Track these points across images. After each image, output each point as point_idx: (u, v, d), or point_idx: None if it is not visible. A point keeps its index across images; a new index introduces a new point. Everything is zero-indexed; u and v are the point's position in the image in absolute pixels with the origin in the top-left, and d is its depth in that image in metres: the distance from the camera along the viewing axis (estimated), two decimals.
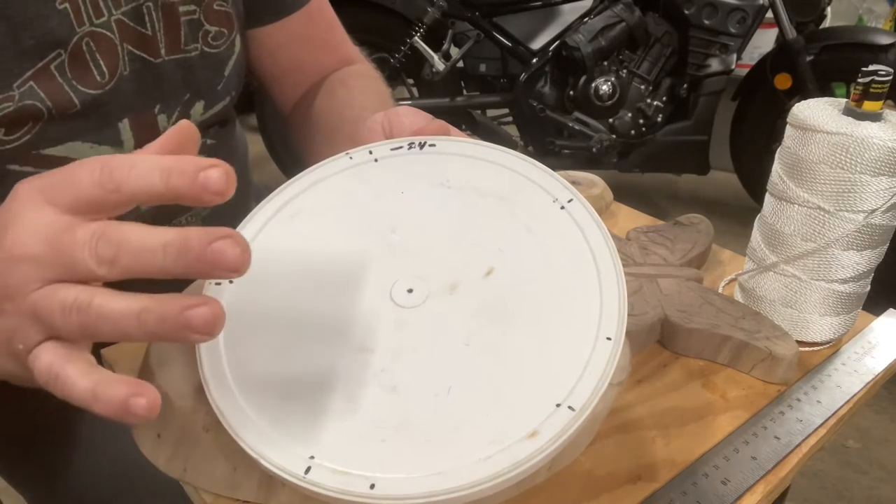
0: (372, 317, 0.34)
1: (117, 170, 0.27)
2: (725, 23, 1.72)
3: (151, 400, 0.26)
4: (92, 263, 0.26)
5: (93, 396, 0.26)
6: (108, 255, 0.26)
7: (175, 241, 0.25)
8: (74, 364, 0.27)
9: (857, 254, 0.46)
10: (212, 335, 0.26)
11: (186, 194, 0.26)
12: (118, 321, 0.26)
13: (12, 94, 0.43)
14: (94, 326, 0.26)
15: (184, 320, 0.25)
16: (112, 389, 0.26)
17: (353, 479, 0.29)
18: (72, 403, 0.27)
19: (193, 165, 0.26)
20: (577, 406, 0.30)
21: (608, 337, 0.32)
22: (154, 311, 0.26)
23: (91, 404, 0.26)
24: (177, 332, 0.26)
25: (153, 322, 0.26)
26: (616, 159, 1.87)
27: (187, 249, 0.25)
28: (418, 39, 1.86)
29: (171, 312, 0.25)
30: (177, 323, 0.25)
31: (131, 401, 0.26)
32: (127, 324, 0.26)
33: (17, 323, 0.28)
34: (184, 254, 0.25)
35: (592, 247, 0.35)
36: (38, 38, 0.43)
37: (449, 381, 0.32)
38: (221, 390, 0.32)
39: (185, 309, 0.25)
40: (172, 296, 0.26)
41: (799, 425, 0.42)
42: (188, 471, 0.35)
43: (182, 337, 0.26)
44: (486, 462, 0.29)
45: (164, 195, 0.26)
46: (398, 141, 0.40)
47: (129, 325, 0.26)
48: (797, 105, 0.47)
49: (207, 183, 0.26)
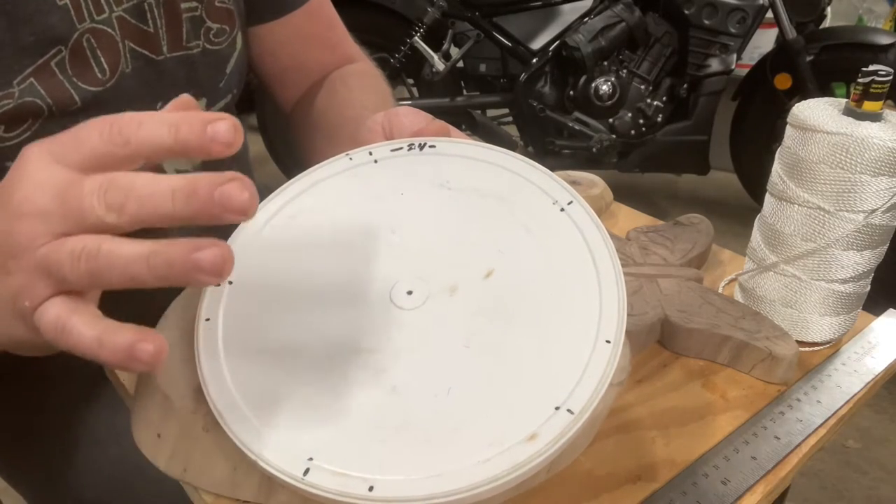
0: (372, 318, 0.34)
1: (126, 126, 0.27)
2: (725, 23, 1.72)
3: (158, 346, 0.26)
4: (100, 210, 0.26)
5: (98, 344, 0.26)
6: (117, 202, 0.26)
7: (184, 187, 0.26)
8: (81, 315, 0.27)
9: (857, 254, 0.46)
10: (220, 277, 0.26)
11: (195, 146, 0.26)
12: (127, 265, 0.26)
13: (12, 91, 0.43)
14: (103, 272, 0.26)
15: (193, 261, 0.25)
16: (118, 336, 0.26)
17: (352, 481, 0.29)
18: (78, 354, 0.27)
19: (201, 118, 0.26)
20: (576, 409, 0.30)
21: (607, 339, 0.32)
22: (163, 254, 0.26)
23: (97, 352, 0.26)
24: (186, 274, 0.26)
25: (162, 264, 0.26)
26: (616, 159, 1.87)
27: (195, 193, 0.25)
28: (418, 39, 1.86)
29: (179, 254, 0.25)
30: (186, 264, 0.25)
31: (137, 346, 0.26)
32: (136, 267, 0.26)
33: (23, 280, 0.28)
34: (192, 198, 0.25)
35: (592, 249, 0.35)
36: (39, 35, 0.43)
37: (448, 382, 0.32)
38: (220, 391, 0.32)
39: (195, 250, 0.25)
40: (181, 240, 0.26)
41: (799, 425, 0.42)
42: (188, 471, 0.35)
43: (191, 278, 0.26)
44: (486, 464, 0.29)
45: (173, 148, 0.26)
46: (398, 142, 0.40)
47: (138, 269, 0.26)
48: (797, 105, 0.47)
49: (216, 135, 0.26)
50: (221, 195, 0.25)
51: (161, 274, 0.26)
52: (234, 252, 0.36)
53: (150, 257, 0.26)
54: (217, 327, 0.34)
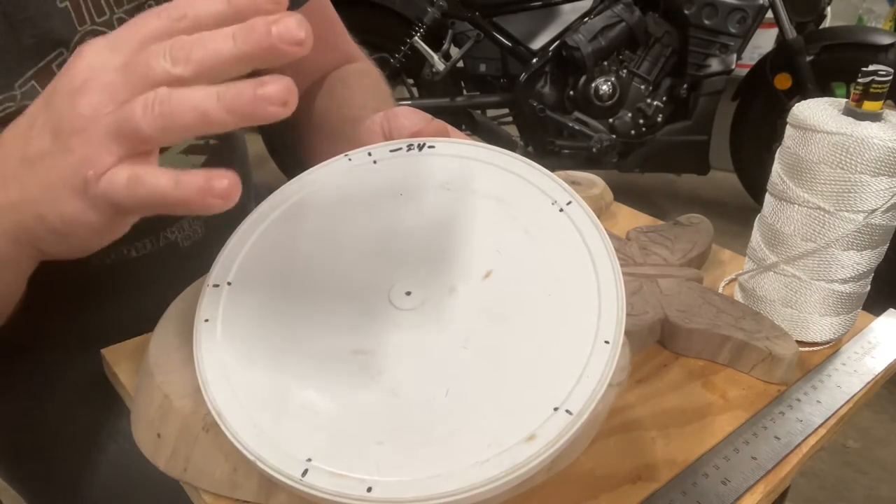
0: (370, 319, 0.34)
1: (181, 2, 0.29)
2: (725, 23, 1.72)
3: (232, 180, 0.27)
4: (167, 64, 0.28)
5: (174, 184, 0.28)
6: (182, 53, 0.28)
7: (241, 27, 0.27)
8: (152, 167, 0.29)
9: (857, 254, 0.46)
10: (286, 107, 0.27)
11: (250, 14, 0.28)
12: (199, 101, 0.27)
13: (14, 93, 0.43)
14: (175, 113, 0.27)
15: (261, 92, 0.27)
16: (193, 175, 0.28)
17: (350, 482, 0.29)
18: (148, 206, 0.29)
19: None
20: (574, 410, 0.30)
21: (606, 340, 0.32)
22: (232, 88, 0.27)
23: (173, 193, 0.28)
24: (254, 104, 0.27)
25: (232, 96, 0.27)
26: (616, 159, 1.87)
27: (254, 30, 0.27)
28: (418, 39, 1.86)
29: (248, 86, 0.27)
30: (254, 94, 0.27)
31: (212, 181, 0.27)
32: (207, 103, 0.27)
33: (88, 151, 0.29)
34: (251, 34, 0.27)
35: (591, 250, 0.35)
36: (39, 37, 0.43)
37: (447, 383, 0.32)
38: (219, 391, 0.32)
39: (261, 84, 0.27)
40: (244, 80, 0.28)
41: (799, 425, 0.42)
42: (188, 471, 0.35)
43: (259, 108, 0.27)
44: (484, 465, 0.29)
45: (227, 14, 0.28)
46: (397, 142, 0.40)
47: (209, 104, 0.27)
48: (797, 105, 0.47)
49: (281, 30, 0.27)
50: (279, 29, 0.27)
51: (232, 105, 0.27)
52: (234, 252, 0.36)
53: (219, 92, 0.27)
54: (216, 328, 0.34)
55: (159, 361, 0.37)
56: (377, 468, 0.29)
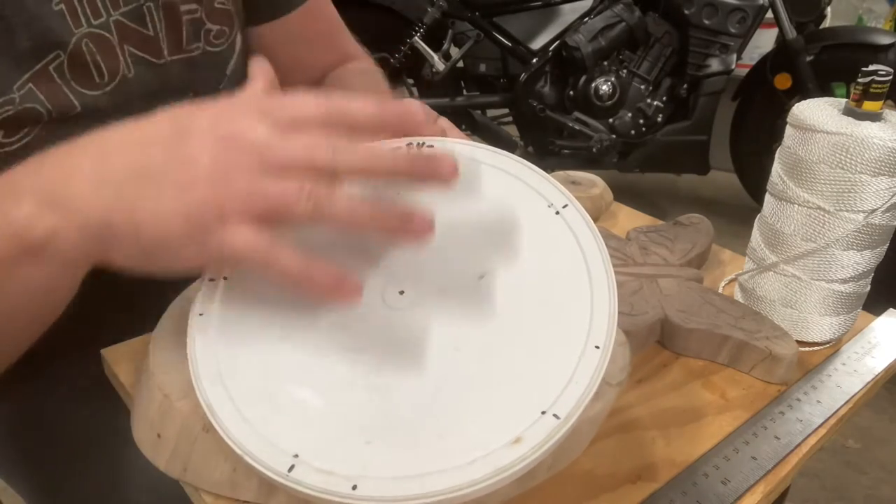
0: (362, 318, 0.34)
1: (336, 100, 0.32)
2: (725, 23, 1.72)
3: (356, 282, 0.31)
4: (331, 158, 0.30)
5: (307, 273, 0.31)
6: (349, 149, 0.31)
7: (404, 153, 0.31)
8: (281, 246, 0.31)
9: (857, 254, 0.46)
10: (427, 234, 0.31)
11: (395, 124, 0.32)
12: (354, 210, 0.30)
13: (12, 96, 0.42)
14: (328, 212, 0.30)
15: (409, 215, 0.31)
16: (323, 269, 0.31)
17: (336, 480, 0.29)
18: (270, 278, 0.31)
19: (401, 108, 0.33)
20: (562, 414, 0.30)
21: (597, 346, 0.32)
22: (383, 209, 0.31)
23: (301, 280, 0.31)
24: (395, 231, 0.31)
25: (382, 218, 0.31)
26: (616, 159, 1.87)
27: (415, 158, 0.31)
28: (418, 39, 1.86)
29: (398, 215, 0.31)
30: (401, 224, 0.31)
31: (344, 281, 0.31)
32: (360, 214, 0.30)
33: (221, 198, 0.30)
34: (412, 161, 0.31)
35: (586, 253, 0.35)
36: (36, 40, 0.43)
37: (436, 383, 0.32)
38: (210, 387, 0.32)
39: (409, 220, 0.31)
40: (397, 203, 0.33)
41: (799, 425, 0.42)
42: (188, 471, 0.35)
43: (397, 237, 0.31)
44: (470, 467, 0.29)
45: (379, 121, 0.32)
46: (396, 141, 0.40)
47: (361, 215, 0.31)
48: (797, 105, 0.47)
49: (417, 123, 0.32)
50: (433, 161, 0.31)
51: (378, 223, 0.31)
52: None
53: (373, 207, 0.30)
54: (210, 322, 0.34)
55: (159, 361, 0.37)
56: (364, 466, 0.29)
